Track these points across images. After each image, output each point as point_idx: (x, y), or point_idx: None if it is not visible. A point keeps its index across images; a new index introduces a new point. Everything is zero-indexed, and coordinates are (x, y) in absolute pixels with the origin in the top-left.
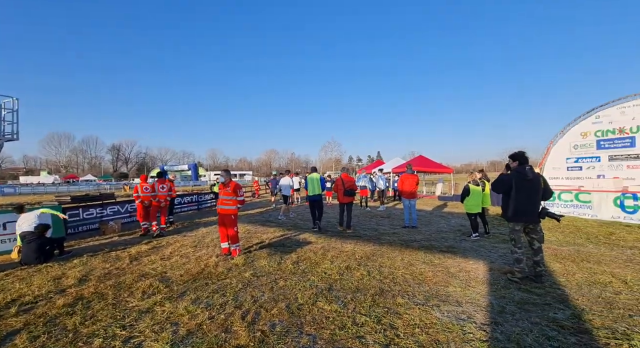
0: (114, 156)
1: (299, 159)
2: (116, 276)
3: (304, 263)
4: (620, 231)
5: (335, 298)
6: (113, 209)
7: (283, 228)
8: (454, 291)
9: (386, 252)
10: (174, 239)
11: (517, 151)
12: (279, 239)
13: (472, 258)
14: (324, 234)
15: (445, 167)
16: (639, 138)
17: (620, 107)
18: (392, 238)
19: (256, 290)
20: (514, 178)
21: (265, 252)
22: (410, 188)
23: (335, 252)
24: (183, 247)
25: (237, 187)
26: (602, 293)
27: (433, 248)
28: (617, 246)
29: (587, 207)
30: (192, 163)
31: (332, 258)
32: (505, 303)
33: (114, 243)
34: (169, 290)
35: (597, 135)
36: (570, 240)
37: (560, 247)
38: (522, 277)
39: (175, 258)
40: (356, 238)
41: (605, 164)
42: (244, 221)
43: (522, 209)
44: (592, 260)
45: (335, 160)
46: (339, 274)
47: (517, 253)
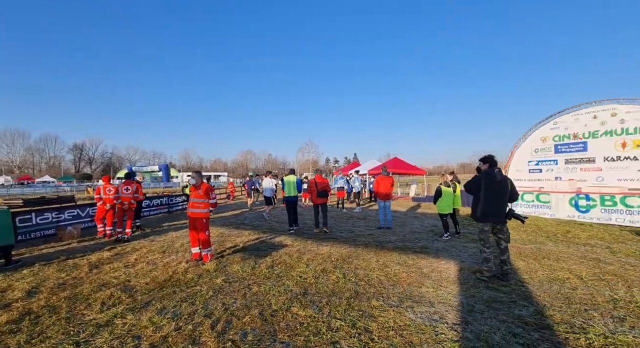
0: (76, 156)
1: (276, 160)
2: (72, 287)
3: (279, 267)
4: (575, 229)
5: (310, 303)
6: (72, 213)
7: (258, 231)
8: (426, 291)
9: (362, 254)
10: (141, 244)
11: (487, 154)
12: (254, 243)
13: (443, 258)
14: (300, 237)
15: (419, 169)
16: (590, 143)
17: (574, 114)
18: (368, 239)
19: (228, 297)
20: (483, 180)
21: (239, 256)
22: (386, 189)
23: (311, 254)
24: (150, 252)
25: (209, 189)
26: (561, 289)
27: (407, 249)
28: (572, 243)
29: (546, 207)
30: (164, 164)
31: (308, 261)
32: (474, 302)
33: (72, 250)
34: (131, 301)
35: (554, 140)
36: (532, 238)
37: (523, 245)
38: (490, 275)
39: (141, 265)
40: (332, 240)
41: (562, 167)
42: (218, 224)
43: (490, 210)
44: (552, 257)
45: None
46: (314, 278)
47: (485, 253)
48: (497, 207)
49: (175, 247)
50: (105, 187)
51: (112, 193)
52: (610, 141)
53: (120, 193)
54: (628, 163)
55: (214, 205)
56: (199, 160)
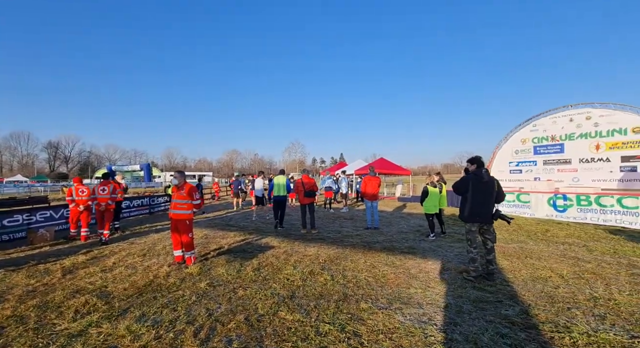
0: (50, 154)
1: (262, 160)
2: (43, 294)
3: (265, 269)
4: (553, 228)
5: (297, 307)
6: (44, 215)
7: (244, 232)
8: (415, 292)
9: (349, 255)
10: (119, 247)
11: (474, 155)
12: (240, 244)
13: (430, 259)
14: (287, 238)
15: (404, 169)
16: (567, 145)
17: (552, 117)
18: (355, 240)
19: (212, 302)
20: (471, 181)
21: (224, 258)
22: (373, 190)
23: (298, 256)
24: (129, 256)
25: (192, 189)
26: (544, 288)
27: (394, 249)
28: (552, 242)
29: (526, 207)
30: (145, 163)
31: (295, 263)
32: (462, 302)
33: (45, 254)
34: (108, 308)
35: (534, 142)
36: (515, 237)
37: (506, 244)
38: (477, 275)
39: (119, 269)
40: (320, 241)
41: (541, 168)
42: (202, 225)
43: (477, 210)
44: (534, 256)
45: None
46: (302, 280)
47: (472, 253)
48: (484, 207)
49: (157, 250)
50: (77, 188)
51: (86, 194)
52: (585, 143)
53: (97, 194)
54: (601, 164)
55: (197, 206)
56: (183, 159)
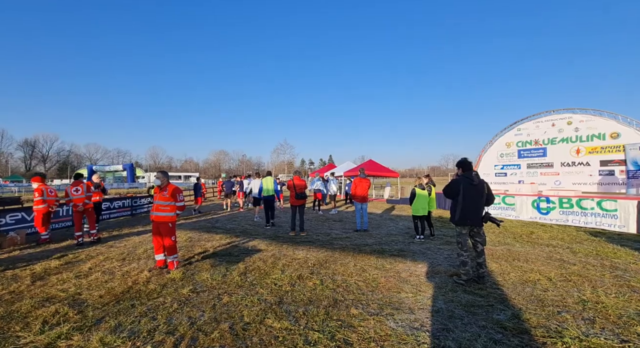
0: (27, 153)
1: (250, 160)
2: (8, 303)
3: (252, 274)
4: (538, 230)
5: (285, 314)
6: (15, 217)
7: (231, 234)
8: (406, 297)
9: (339, 258)
10: (97, 251)
11: (461, 158)
12: (226, 247)
13: (421, 262)
14: (275, 240)
15: (393, 172)
16: (549, 149)
17: (535, 121)
18: (345, 242)
19: (195, 310)
20: (461, 184)
21: (209, 262)
22: (363, 192)
23: (286, 259)
24: (107, 260)
25: (176, 190)
26: (533, 291)
27: (384, 252)
28: (537, 244)
29: (511, 209)
30: (128, 163)
31: (284, 267)
32: (453, 307)
33: (14, 258)
34: (80, 317)
35: (518, 146)
36: (501, 240)
37: (494, 247)
38: (467, 279)
39: (96, 275)
40: (309, 244)
41: (525, 171)
42: (187, 227)
43: (468, 214)
44: (522, 258)
45: (288, 163)
46: (290, 285)
47: (463, 256)
48: (475, 210)
49: (137, 254)
50: (45, 188)
51: (53, 195)
52: (567, 147)
53: (70, 195)
54: (582, 168)
55: (181, 208)
56: (168, 159)
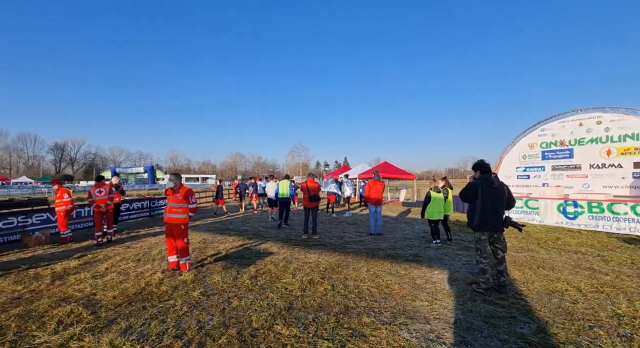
0: (56, 156)
1: (265, 163)
2: (28, 302)
3: (263, 277)
4: (564, 236)
5: (295, 320)
6: (41, 217)
7: (244, 236)
8: (421, 306)
9: (352, 263)
10: (114, 251)
11: (477, 160)
12: (238, 250)
13: (437, 268)
14: (287, 243)
15: (409, 174)
16: (576, 150)
17: (561, 121)
18: (358, 246)
19: (204, 313)
20: (480, 187)
21: (221, 265)
22: (377, 194)
23: (298, 263)
24: (123, 261)
25: (188, 193)
26: (561, 303)
27: (399, 257)
28: (564, 251)
29: (535, 213)
30: (149, 165)
31: (295, 271)
32: (472, 318)
33: (37, 258)
34: (94, 318)
35: (542, 147)
36: (524, 246)
37: (516, 253)
38: (487, 287)
39: (111, 275)
40: (321, 247)
41: (549, 173)
42: (202, 229)
43: (488, 218)
44: (547, 266)
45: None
46: (301, 290)
47: (482, 264)
48: (495, 215)
49: (152, 255)
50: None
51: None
52: (596, 149)
53: (94, 196)
54: (613, 170)
55: (193, 210)
56: (187, 162)
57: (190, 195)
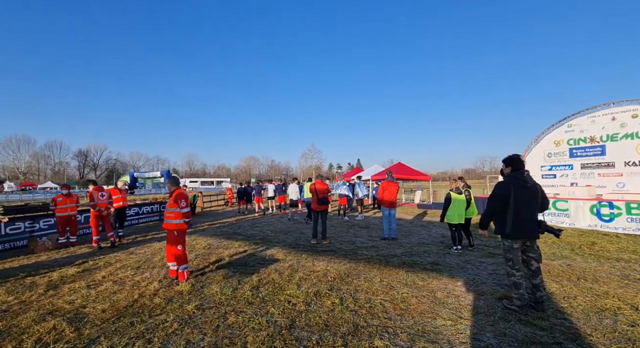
0: (80, 162)
1: (279, 166)
2: (13, 315)
3: (265, 288)
4: (600, 240)
5: (296, 342)
6: (48, 222)
7: (250, 242)
8: (443, 325)
9: (363, 271)
10: (116, 258)
11: (510, 154)
12: (242, 256)
13: (459, 278)
14: (295, 249)
15: (424, 175)
16: (609, 146)
17: (590, 116)
18: (370, 253)
19: (196, 331)
20: (512, 186)
21: (222, 273)
22: (391, 196)
23: (304, 272)
24: (123, 268)
25: (179, 196)
26: (615, 325)
27: (415, 265)
28: (603, 258)
29: (564, 215)
30: (166, 170)
31: (300, 281)
32: (507, 343)
33: (39, 264)
34: (75, 336)
35: (569, 144)
36: (556, 252)
37: (550, 261)
38: (522, 304)
39: (107, 284)
40: (331, 254)
41: (578, 172)
42: (209, 233)
43: (523, 224)
44: (589, 277)
45: (316, 168)
46: (305, 303)
47: (514, 277)
48: (529, 219)
49: (154, 262)
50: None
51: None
52: (632, 144)
53: (97, 200)
54: None
55: (186, 215)
56: (202, 165)
57: (180, 199)
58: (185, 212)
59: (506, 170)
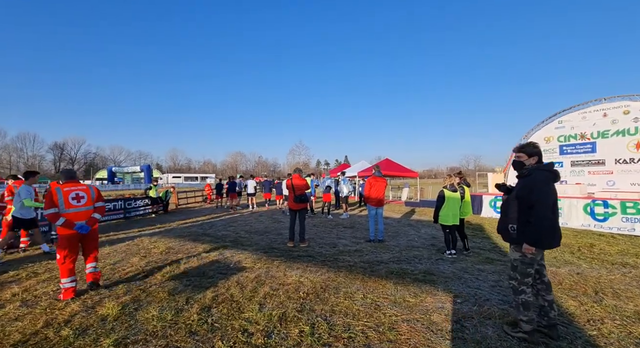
0: (56, 156)
1: (266, 162)
2: None
3: (219, 309)
4: (598, 242)
5: None
6: None
7: (219, 244)
8: None
9: (343, 283)
10: (46, 267)
11: (527, 142)
12: (204, 263)
13: (457, 293)
14: (267, 254)
15: (411, 171)
16: (600, 144)
17: (581, 112)
18: (354, 258)
19: None
20: (549, 181)
21: (171, 286)
22: (378, 194)
23: (273, 284)
24: (45, 282)
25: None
26: None
27: (405, 274)
28: (607, 263)
29: None
30: (146, 164)
31: (265, 298)
32: None
33: None
34: None
35: (559, 141)
36: (558, 256)
37: (556, 269)
38: (532, 329)
39: (12, 306)
40: (307, 260)
41: (568, 170)
42: (174, 234)
43: (557, 227)
44: (606, 290)
45: (303, 164)
46: (265, 334)
47: (525, 294)
48: (558, 221)
49: None
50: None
51: None
52: (623, 141)
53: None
54: None
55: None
56: (187, 161)
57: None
58: (46, 213)
59: (529, 160)
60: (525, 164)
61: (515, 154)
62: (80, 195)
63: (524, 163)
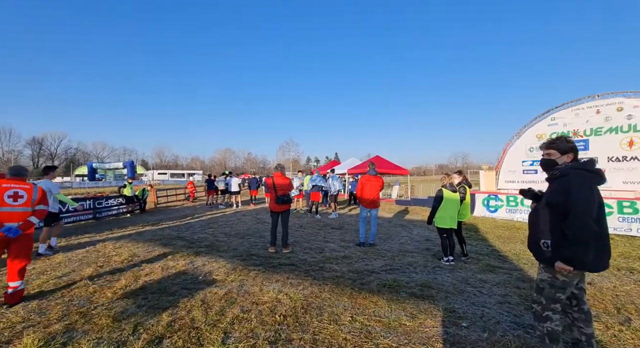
0: (34, 151)
1: (256, 159)
2: None
3: (172, 340)
4: None
5: None
6: None
7: (191, 250)
8: None
9: (328, 300)
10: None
11: (561, 137)
12: (168, 275)
13: (462, 313)
14: (244, 262)
15: (402, 169)
16: (592, 141)
17: (574, 108)
18: (341, 267)
19: None
20: (587, 182)
21: (117, 309)
22: (373, 194)
23: (245, 303)
24: None
25: None
26: None
27: (400, 288)
28: (612, 267)
29: None
30: (129, 161)
31: (233, 323)
32: None
33: None
34: None
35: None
36: None
37: None
38: None
39: None
40: (289, 269)
41: None
42: (144, 237)
43: (606, 242)
44: (629, 307)
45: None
46: None
47: (551, 322)
48: (605, 235)
49: (38, 284)
50: None
51: None
52: (616, 139)
53: None
54: (636, 164)
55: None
56: (174, 157)
57: None
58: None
59: (562, 158)
60: (557, 163)
61: (544, 152)
62: (19, 193)
63: (555, 161)
